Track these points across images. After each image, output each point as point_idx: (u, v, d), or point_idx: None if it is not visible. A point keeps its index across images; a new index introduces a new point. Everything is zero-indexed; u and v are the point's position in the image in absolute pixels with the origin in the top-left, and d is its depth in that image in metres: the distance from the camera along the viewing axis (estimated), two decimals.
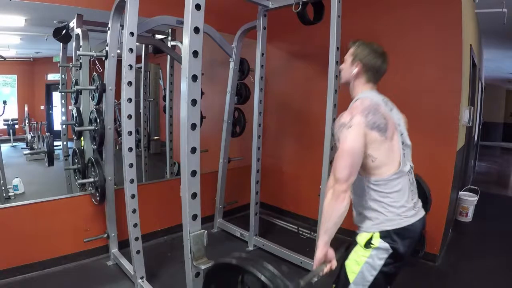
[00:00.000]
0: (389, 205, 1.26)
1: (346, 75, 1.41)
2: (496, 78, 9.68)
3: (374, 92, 1.37)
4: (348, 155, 1.18)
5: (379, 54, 1.36)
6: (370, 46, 1.37)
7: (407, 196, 1.30)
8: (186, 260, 1.54)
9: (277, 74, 3.71)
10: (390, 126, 1.26)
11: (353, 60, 1.37)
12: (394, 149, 1.27)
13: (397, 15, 2.78)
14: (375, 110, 1.25)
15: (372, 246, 1.27)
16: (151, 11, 2.49)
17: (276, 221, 3.64)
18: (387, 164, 1.26)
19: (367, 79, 1.37)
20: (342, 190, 1.17)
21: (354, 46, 1.40)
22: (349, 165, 1.18)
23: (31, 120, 3.36)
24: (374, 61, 1.35)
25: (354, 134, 1.19)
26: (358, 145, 1.19)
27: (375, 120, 1.22)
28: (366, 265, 1.28)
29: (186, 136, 1.42)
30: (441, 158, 2.61)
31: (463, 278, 2.53)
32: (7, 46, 3.06)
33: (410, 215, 1.29)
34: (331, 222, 1.19)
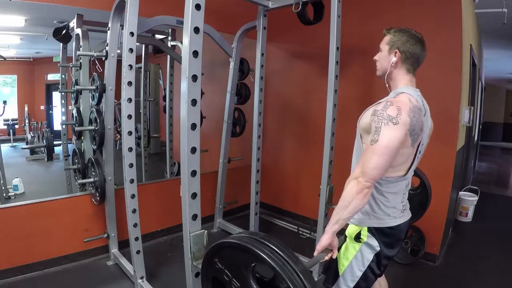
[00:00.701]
0: (382, 204, 1.28)
1: (384, 65, 1.32)
2: (496, 78, 9.68)
3: (417, 91, 1.30)
4: (386, 152, 1.11)
5: (418, 40, 1.28)
6: (408, 32, 1.29)
7: (400, 199, 1.33)
8: (186, 260, 1.54)
9: (277, 74, 3.71)
10: (420, 137, 1.22)
11: (391, 48, 1.29)
12: (410, 157, 1.26)
13: (397, 15, 2.78)
14: (419, 115, 1.19)
15: (362, 241, 1.30)
16: (151, 11, 2.49)
17: (276, 221, 3.64)
18: (397, 168, 1.25)
19: (407, 68, 1.29)
20: (367, 186, 1.11)
21: (390, 34, 1.32)
22: (383, 163, 1.11)
23: (31, 120, 3.36)
24: (413, 48, 1.27)
25: (399, 133, 1.11)
26: (398, 144, 1.12)
27: (416, 126, 1.16)
28: (355, 260, 1.31)
29: (186, 136, 1.42)
30: (441, 158, 2.61)
31: (463, 278, 2.53)
32: (7, 46, 3.06)
33: (398, 216, 1.33)
34: (346, 213, 1.14)
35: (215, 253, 1.07)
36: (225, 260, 1.04)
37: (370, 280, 1.34)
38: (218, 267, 1.05)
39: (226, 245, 1.03)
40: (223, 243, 1.03)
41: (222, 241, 1.04)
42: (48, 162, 3.47)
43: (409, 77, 1.31)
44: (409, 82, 1.31)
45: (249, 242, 0.96)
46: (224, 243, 1.03)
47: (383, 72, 1.34)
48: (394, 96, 1.26)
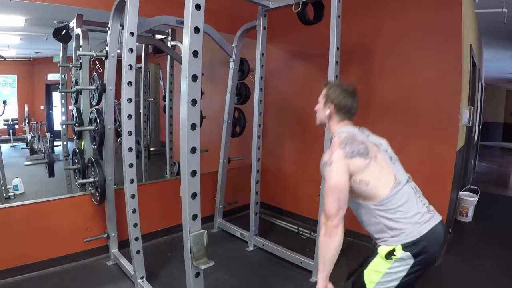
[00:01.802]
0: (403, 218, 1.26)
1: (320, 117, 1.49)
2: (496, 78, 9.68)
3: (349, 126, 1.43)
4: (334, 191, 1.23)
5: (349, 94, 1.43)
6: (340, 87, 1.45)
7: (417, 203, 1.30)
8: (186, 260, 1.54)
9: (277, 74, 3.71)
10: (371, 148, 1.30)
11: (326, 102, 1.45)
12: (383, 166, 1.31)
13: (397, 15, 2.78)
14: (352, 139, 1.30)
15: (394, 258, 1.25)
16: (151, 11, 2.50)
17: (276, 221, 3.64)
18: (382, 181, 1.28)
19: (340, 118, 1.43)
20: (334, 226, 1.22)
21: (326, 89, 1.48)
22: (337, 199, 1.22)
23: (31, 120, 3.36)
24: (344, 100, 1.41)
25: (336, 169, 1.24)
26: (342, 179, 1.23)
27: (353, 148, 1.27)
28: (386, 276, 1.26)
29: (186, 136, 1.42)
30: (441, 158, 2.61)
31: (463, 278, 2.53)
32: (7, 46, 3.06)
33: (428, 219, 1.28)
34: (328, 257, 1.24)
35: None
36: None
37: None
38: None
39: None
40: None
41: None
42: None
43: (344, 123, 1.44)
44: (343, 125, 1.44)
45: None
46: None
47: (320, 122, 1.50)
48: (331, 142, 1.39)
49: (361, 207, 1.32)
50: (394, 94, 2.84)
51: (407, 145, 2.76)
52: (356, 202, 1.34)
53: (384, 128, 2.90)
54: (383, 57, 2.87)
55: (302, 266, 2.56)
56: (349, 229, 2.49)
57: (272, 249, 2.83)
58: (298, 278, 2.48)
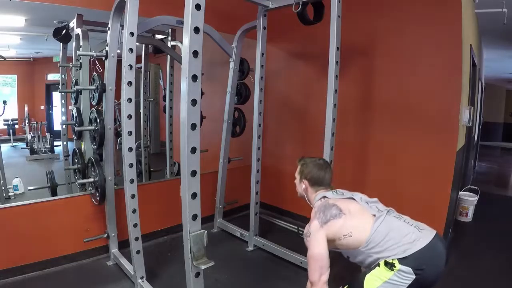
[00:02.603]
0: (394, 245, 1.30)
1: (299, 191, 1.68)
2: (496, 78, 9.68)
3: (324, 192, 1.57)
4: (315, 260, 1.36)
5: (320, 167, 1.60)
6: (313, 162, 1.63)
7: (403, 225, 1.35)
8: (186, 260, 1.54)
9: (277, 74, 3.71)
10: (343, 204, 1.43)
11: (300, 178, 1.65)
12: (359, 213, 1.41)
13: (397, 15, 2.78)
14: (324, 206, 1.44)
15: (394, 269, 1.26)
16: (151, 11, 2.50)
17: (276, 221, 3.64)
18: (362, 226, 1.37)
19: (315, 189, 1.60)
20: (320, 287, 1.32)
21: (299, 165, 1.67)
22: (318, 268, 1.35)
23: (31, 120, 3.36)
24: (317, 174, 1.59)
25: (314, 240, 1.38)
26: (321, 248, 1.36)
27: (326, 214, 1.40)
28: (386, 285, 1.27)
29: (186, 136, 1.42)
30: (441, 158, 2.61)
31: (463, 278, 2.53)
32: (7, 46, 3.06)
33: (419, 237, 1.30)
34: None
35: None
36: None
37: None
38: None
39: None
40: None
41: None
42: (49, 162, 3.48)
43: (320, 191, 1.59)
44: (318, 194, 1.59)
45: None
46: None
47: (300, 195, 1.69)
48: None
49: (354, 253, 1.41)
50: (394, 94, 2.83)
51: (407, 145, 2.76)
52: (346, 252, 1.46)
53: (384, 128, 2.92)
54: (383, 57, 2.87)
55: (302, 266, 2.56)
56: None
57: (272, 249, 2.83)
58: (298, 278, 2.47)
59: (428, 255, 1.27)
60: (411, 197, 2.68)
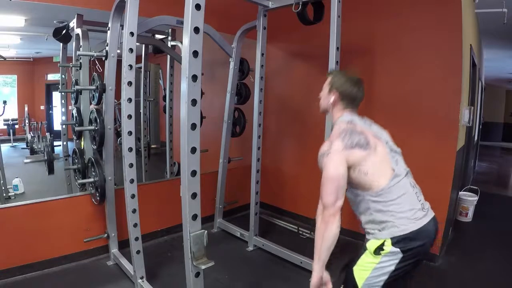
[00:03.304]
0: (397, 212, 1.26)
1: (324, 104, 1.48)
2: (496, 78, 9.68)
3: (352, 115, 1.42)
4: (332, 181, 1.24)
5: (355, 82, 1.41)
6: (346, 75, 1.43)
7: (412, 198, 1.30)
8: (186, 260, 1.54)
9: (277, 74, 3.71)
10: (371, 138, 1.30)
11: (330, 89, 1.44)
12: (382, 158, 1.30)
13: (397, 15, 2.78)
14: (351, 130, 1.30)
15: (382, 253, 1.25)
16: (151, 11, 2.49)
17: (276, 221, 3.64)
18: (381, 173, 1.28)
19: (344, 106, 1.42)
20: (331, 215, 1.22)
21: (331, 76, 1.47)
22: (334, 190, 1.23)
23: (31, 120, 3.36)
24: (350, 89, 1.40)
25: (334, 160, 1.24)
26: (340, 170, 1.24)
27: (353, 139, 1.26)
28: (375, 271, 1.27)
29: (186, 136, 1.42)
30: (441, 158, 2.61)
31: (463, 278, 2.53)
32: (7, 46, 3.06)
33: (421, 216, 1.28)
34: (324, 247, 1.24)
35: None
36: None
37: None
38: None
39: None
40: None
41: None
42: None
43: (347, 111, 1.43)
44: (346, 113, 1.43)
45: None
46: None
47: (324, 109, 1.50)
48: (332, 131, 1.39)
49: (356, 196, 1.33)
50: (394, 94, 2.84)
51: (407, 145, 2.74)
52: (352, 190, 1.35)
53: (384, 128, 2.92)
54: (383, 57, 2.87)
55: (302, 266, 2.56)
56: (348, 229, 2.50)
57: (272, 249, 2.83)
58: (298, 278, 2.48)
59: (420, 237, 1.26)
60: None
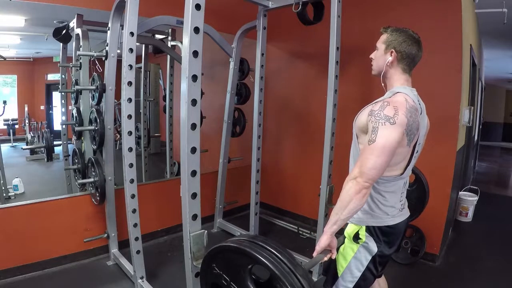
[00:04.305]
0: (381, 203, 1.29)
1: (379, 64, 1.31)
2: (496, 78, 9.68)
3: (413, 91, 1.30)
4: (384, 152, 1.10)
5: (415, 41, 1.28)
6: (405, 32, 1.28)
7: (398, 198, 1.34)
8: (186, 260, 1.54)
9: (277, 74, 3.71)
10: (415, 136, 1.22)
11: (387, 47, 1.28)
12: (406, 156, 1.26)
13: (396, 14, 2.78)
14: (415, 115, 1.19)
15: (360, 242, 1.30)
16: (151, 11, 2.49)
17: (276, 221, 3.64)
18: (394, 167, 1.25)
19: (403, 68, 1.28)
20: (366, 186, 1.10)
21: (387, 33, 1.31)
22: (381, 163, 1.10)
23: (31, 120, 3.36)
24: (410, 48, 1.26)
25: (396, 133, 1.11)
26: (395, 144, 1.11)
27: (412, 126, 1.16)
28: (354, 260, 1.32)
29: (186, 136, 1.42)
30: (441, 158, 2.61)
31: (463, 278, 2.53)
32: (7, 46, 3.06)
33: (397, 215, 1.33)
34: (345, 213, 1.13)
35: (213, 258, 1.06)
36: (223, 264, 1.03)
37: (369, 280, 1.35)
38: (216, 272, 1.04)
39: (223, 249, 1.02)
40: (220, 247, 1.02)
41: (219, 245, 1.03)
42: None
43: (405, 76, 1.30)
44: (405, 81, 1.30)
45: (247, 245, 0.95)
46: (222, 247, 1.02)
47: (378, 71, 1.34)
48: (391, 95, 1.25)
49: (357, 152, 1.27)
50: None
51: None
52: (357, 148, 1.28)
53: None
54: None
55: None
56: None
57: None
58: None
59: (393, 233, 1.32)
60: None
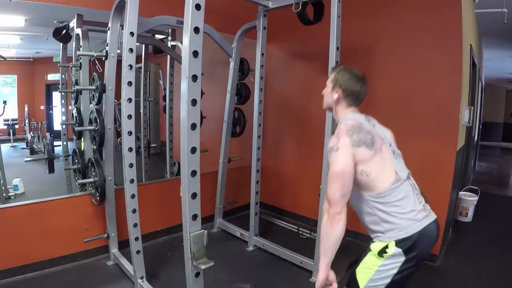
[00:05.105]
0: (399, 213, 1.26)
1: (328, 101, 1.47)
2: (496, 78, 9.68)
3: (357, 114, 1.41)
4: (339, 177, 1.22)
5: (359, 79, 1.40)
6: (350, 71, 1.42)
7: (414, 200, 1.30)
8: (186, 260, 1.54)
9: (277, 74, 3.71)
10: (377, 139, 1.29)
11: (334, 86, 1.43)
12: (386, 160, 1.30)
13: (397, 15, 2.78)
14: (359, 128, 1.29)
15: (385, 255, 1.25)
16: (151, 11, 2.50)
17: (276, 221, 3.64)
18: (384, 175, 1.28)
19: (348, 103, 1.41)
20: (337, 212, 1.20)
21: (335, 72, 1.45)
22: (341, 186, 1.21)
23: (31, 120, 3.36)
24: (353, 86, 1.39)
25: (342, 156, 1.23)
26: (347, 166, 1.22)
27: (360, 137, 1.25)
28: (378, 273, 1.26)
29: (186, 136, 1.42)
30: (441, 158, 2.61)
31: (463, 278, 2.53)
32: (7, 46, 3.06)
33: (423, 217, 1.28)
34: (330, 245, 1.22)
35: None
36: None
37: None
38: None
39: None
40: None
41: None
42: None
43: (351, 109, 1.42)
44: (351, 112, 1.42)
45: None
46: None
47: (328, 106, 1.49)
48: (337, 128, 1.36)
49: (358, 197, 1.32)
50: (394, 94, 2.84)
51: (407, 145, 2.75)
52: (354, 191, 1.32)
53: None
54: (383, 57, 2.87)
55: (302, 266, 2.56)
56: (349, 229, 2.49)
57: (272, 249, 2.83)
58: (298, 278, 2.48)
59: (423, 238, 1.26)
60: None
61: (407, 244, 1.23)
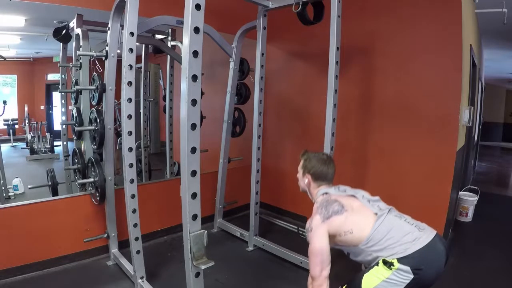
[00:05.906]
0: (394, 243, 1.31)
1: (301, 185, 1.66)
2: (496, 78, 9.68)
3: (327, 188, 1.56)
4: (316, 255, 1.35)
5: (324, 162, 1.58)
6: (316, 156, 1.61)
7: (403, 225, 1.36)
8: (186, 260, 1.54)
9: (277, 74, 3.71)
10: (345, 201, 1.42)
11: (303, 172, 1.62)
12: (361, 211, 1.41)
13: (397, 15, 2.78)
14: (326, 201, 1.43)
15: (393, 268, 1.27)
16: (151, 11, 2.50)
17: (276, 221, 3.64)
18: (364, 224, 1.37)
19: (318, 184, 1.59)
20: (319, 285, 1.33)
21: (303, 160, 1.65)
22: (319, 262, 1.34)
23: (31, 120, 3.36)
24: (320, 169, 1.57)
25: (316, 235, 1.38)
26: (322, 243, 1.35)
27: (328, 209, 1.39)
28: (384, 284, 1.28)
29: (186, 136, 1.42)
30: (441, 158, 2.61)
31: (463, 278, 2.53)
32: (7, 46, 3.06)
33: (419, 236, 1.31)
34: None
35: None
36: None
37: None
38: None
39: None
40: None
41: None
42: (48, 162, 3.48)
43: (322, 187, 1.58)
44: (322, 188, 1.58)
45: None
46: None
47: (302, 190, 1.68)
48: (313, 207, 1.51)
49: (355, 251, 1.42)
50: (394, 94, 2.83)
51: (407, 145, 2.76)
52: (345, 248, 1.47)
53: (384, 128, 2.92)
54: (382, 57, 2.87)
55: (302, 266, 2.56)
56: None
57: (272, 249, 2.83)
58: (298, 278, 2.47)
59: (428, 255, 1.28)
60: (411, 197, 2.68)
61: (409, 261, 1.26)
